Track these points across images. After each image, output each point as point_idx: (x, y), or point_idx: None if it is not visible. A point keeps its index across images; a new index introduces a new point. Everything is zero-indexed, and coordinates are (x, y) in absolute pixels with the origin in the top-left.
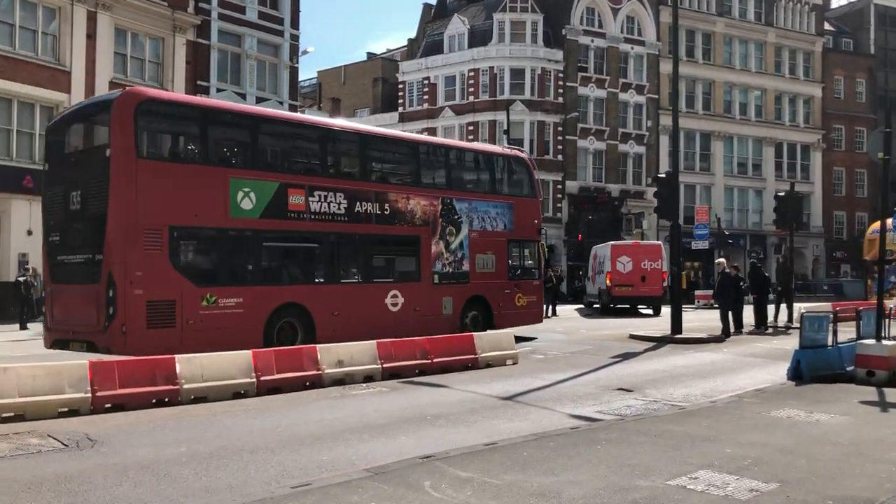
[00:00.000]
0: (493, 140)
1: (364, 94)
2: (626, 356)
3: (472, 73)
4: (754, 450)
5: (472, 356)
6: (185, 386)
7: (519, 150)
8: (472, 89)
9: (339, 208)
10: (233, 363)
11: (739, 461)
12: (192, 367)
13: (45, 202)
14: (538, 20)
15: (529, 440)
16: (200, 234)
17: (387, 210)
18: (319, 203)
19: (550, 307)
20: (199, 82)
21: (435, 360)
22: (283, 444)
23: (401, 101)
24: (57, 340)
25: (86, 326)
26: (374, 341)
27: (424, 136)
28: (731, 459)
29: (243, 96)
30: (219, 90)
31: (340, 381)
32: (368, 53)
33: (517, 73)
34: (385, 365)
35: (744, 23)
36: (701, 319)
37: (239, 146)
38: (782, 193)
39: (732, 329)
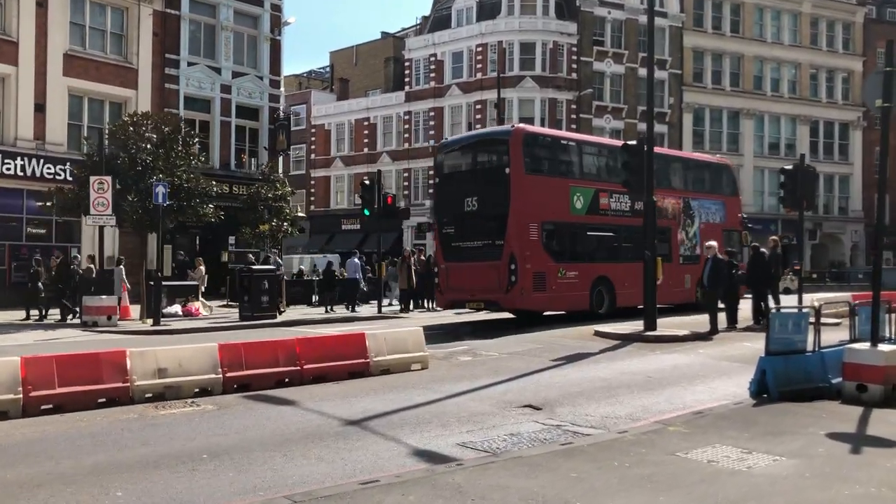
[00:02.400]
0: (500, 120)
1: (377, 74)
2: (571, 359)
3: (479, 49)
4: None
5: (362, 361)
6: None
7: (725, 159)
8: (479, 66)
9: (626, 207)
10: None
11: None
12: None
13: (439, 204)
14: None
15: None
16: (556, 226)
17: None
18: (616, 203)
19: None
20: (167, 55)
21: (307, 367)
22: None
23: (407, 80)
24: (452, 301)
25: (487, 291)
26: (215, 344)
27: (673, 151)
28: None
29: (218, 70)
30: (190, 64)
31: (160, 395)
32: (383, 33)
33: (527, 48)
34: (229, 374)
35: None
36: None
37: (574, 164)
38: (790, 167)
39: (727, 324)
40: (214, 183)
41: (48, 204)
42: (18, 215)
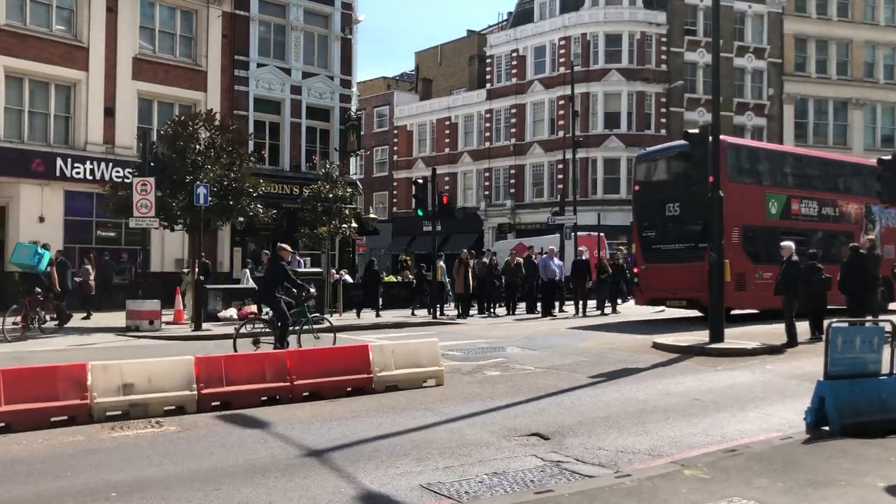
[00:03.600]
0: (585, 116)
1: (460, 73)
2: (613, 375)
3: (562, 42)
4: None
5: (364, 376)
6: None
7: None
8: (562, 60)
9: (814, 211)
10: None
11: None
12: None
13: (640, 209)
14: None
15: None
16: (753, 230)
17: (837, 212)
18: (805, 208)
19: (609, 303)
20: (237, 57)
21: (299, 383)
22: None
23: (489, 76)
24: (652, 299)
25: (689, 290)
26: (191, 357)
27: (855, 158)
28: None
29: (287, 71)
30: (259, 65)
31: (125, 413)
32: (468, 31)
33: (613, 40)
34: (206, 391)
35: None
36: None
37: (768, 172)
38: (888, 157)
39: (810, 335)
40: (262, 181)
41: (109, 205)
42: (88, 219)
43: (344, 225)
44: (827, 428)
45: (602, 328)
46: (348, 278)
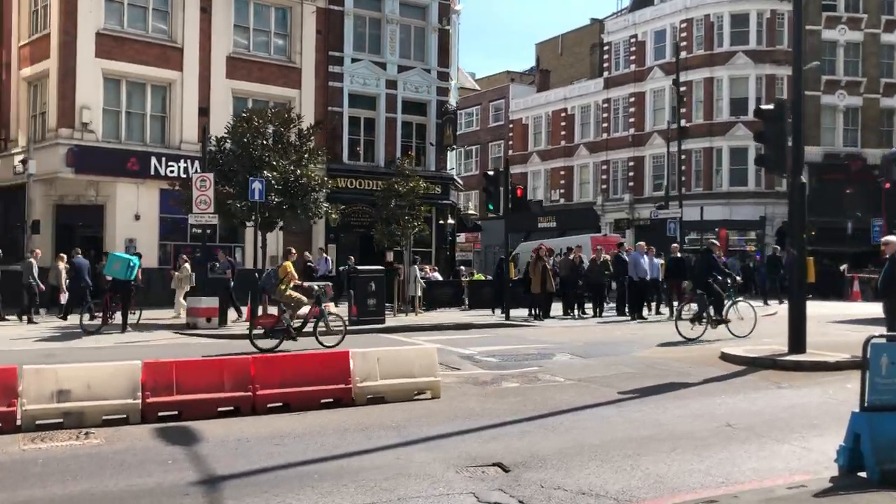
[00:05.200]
0: (708, 103)
1: (581, 63)
2: (649, 392)
3: (684, 25)
4: None
5: (342, 386)
6: None
7: None
8: (684, 44)
9: None
10: None
11: None
12: None
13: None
14: None
15: None
16: None
17: None
18: None
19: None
20: (331, 53)
21: (262, 393)
22: None
23: (606, 64)
24: None
25: None
26: (138, 362)
27: None
28: None
29: (383, 66)
30: (354, 60)
31: (57, 423)
32: (592, 19)
33: (739, 20)
34: (152, 400)
35: None
36: None
37: None
38: None
39: None
40: (328, 179)
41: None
42: (183, 216)
43: (416, 222)
44: (857, 471)
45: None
46: (437, 276)
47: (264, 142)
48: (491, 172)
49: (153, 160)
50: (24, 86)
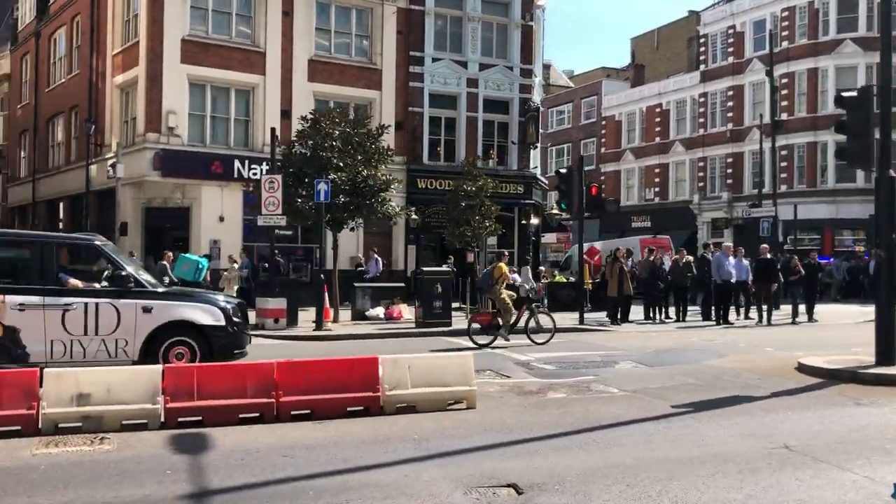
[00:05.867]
0: (812, 94)
1: (678, 57)
2: (708, 405)
3: (785, 14)
4: None
5: (370, 394)
6: None
7: None
8: (786, 33)
9: None
10: None
11: None
12: None
13: None
14: None
15: None
16: None
17: None
18: None
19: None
20: (411, 53)
21: (285, 399)
22: None
23: (702, 57)
24: None
25: None
26: (160, 366)
27: None
28: None
29: (464, 64)
30: (434, 60)
31: (76, 427)
32: (689, 11)
33: (847, 6)
34: (173, 405)
35: None
36: None
37: None
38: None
39: None
40: (396, 179)
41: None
42: None
43: (487, 222)
44: None
45: (769, 341)
46: (515, 278)
47: (332, 143)
48: (564, 170)
49: (236, 163)
50: (116, 93)
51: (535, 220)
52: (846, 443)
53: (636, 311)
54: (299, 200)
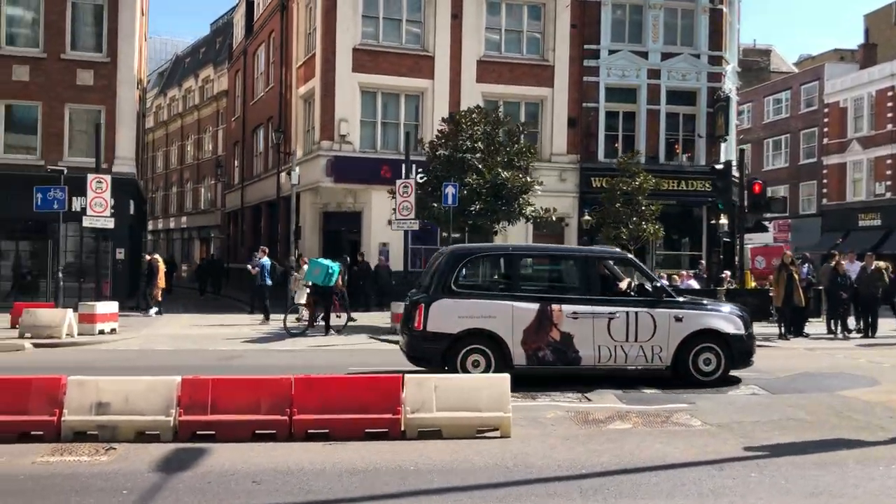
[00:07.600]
0: None
1: None
2: (793, 450)
3: None
4: None
5: (389, 416)
6: None
7: None
8: None
9: None
10: None
11: None
12: None
13: None
14: None
15: None
16: None
17: None
18: None
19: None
20: (586, 46)
21: (300, 417)
22: None
23: None
24: None
25: None
26: (177, 378)
27: None
28: None
29: (644, 55)
30: (611, 52)
31: (93, 435)
32: None
33: None
34: (186, 418)
35: None
36: None
37: None
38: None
39: None
40: (538, 181)
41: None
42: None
43: (645, 224)
44: None
45: None
46: (692, 283)
47: (474, 144)
48: (720, 166)
49: (403, 168)
50: (300, 103)
51: (724, 220)
52: None
53: (819, 325)
54: (435, 205)
